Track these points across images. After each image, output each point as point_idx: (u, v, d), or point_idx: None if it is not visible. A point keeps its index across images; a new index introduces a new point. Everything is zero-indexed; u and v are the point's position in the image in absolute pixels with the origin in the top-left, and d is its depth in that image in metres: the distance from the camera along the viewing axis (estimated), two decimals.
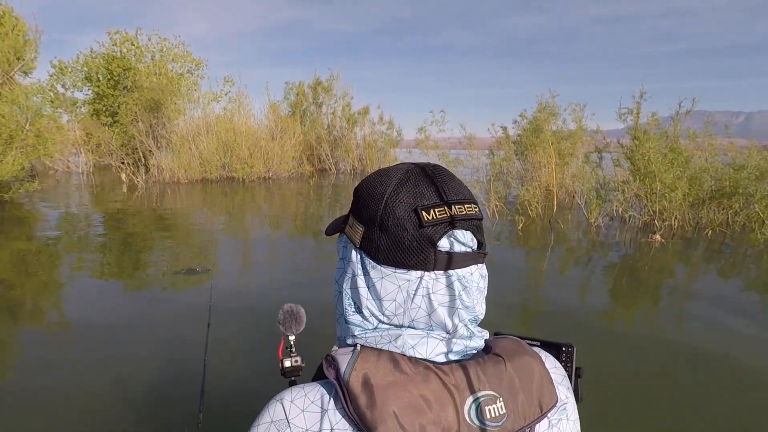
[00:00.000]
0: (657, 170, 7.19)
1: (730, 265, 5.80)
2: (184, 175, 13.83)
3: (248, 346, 3.15)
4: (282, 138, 15.96)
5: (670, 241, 6.64)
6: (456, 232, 0.53)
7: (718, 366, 3.04)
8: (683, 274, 5.55)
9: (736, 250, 6.42)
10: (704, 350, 3.25)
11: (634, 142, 7.71)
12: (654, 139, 7.36)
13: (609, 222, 8.02)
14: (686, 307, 4.33)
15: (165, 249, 6.11)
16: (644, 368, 2.99)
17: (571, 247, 6.56)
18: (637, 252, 6.20)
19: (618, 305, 4.37)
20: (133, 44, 20.14)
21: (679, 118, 7.82)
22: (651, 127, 7.69)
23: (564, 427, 0.58)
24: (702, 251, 6.40)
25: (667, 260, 5.87)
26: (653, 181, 7.31)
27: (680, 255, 6.16)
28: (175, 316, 3.69)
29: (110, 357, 2.97)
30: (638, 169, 7.59)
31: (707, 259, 6.11)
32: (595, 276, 5.27)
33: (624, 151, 8.14)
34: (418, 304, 0.53)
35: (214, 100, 17.69)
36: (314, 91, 19.46)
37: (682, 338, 3.50)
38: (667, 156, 7.30)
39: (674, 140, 7.78)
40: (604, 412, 2.43)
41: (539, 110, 11.42)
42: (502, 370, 0.53)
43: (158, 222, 7.91)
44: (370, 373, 0.49)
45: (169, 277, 4.77)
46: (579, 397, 0.77)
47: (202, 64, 21.57)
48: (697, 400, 2.63)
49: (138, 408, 2.44)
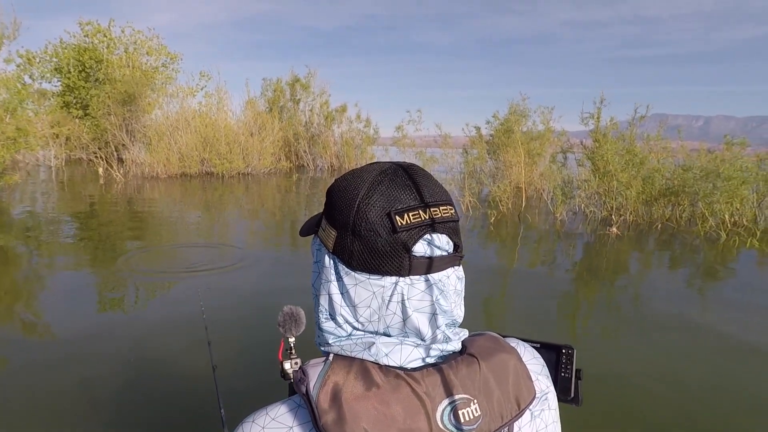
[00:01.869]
0: (614, 170, 7.94)
1: (678, 255, 6.53)
2: (163, 170, 13.85)
3: (248, 347, 3.13)
4: (261, 134, 16.14)
5: (625, 234, 7.38)
6: (432, 235, 0.52)
7: (668, 338, 3.58)
8: (637, 263, 6.24)
9: (682, 242, 7.19)
10: (655, 325, 3.83)
11: (595, 144, 8.45)
12: (612, 141, 8.12)
13: (572, 216, 8.75)
14: (640, 291, 4.95)
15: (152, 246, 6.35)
16: (604, 345, 3.56)
17: (539, 238, 7.19)
18: (597, 243, 6.88)
19: (579, 290, 4.97)
20: (105, 36, 19.77)
21: (635, 123, 8.60)
22: (609, 131, 8.44)
23: (546, 417, 0.59)
24: (653, 242, 7.14)
25: (623, 250, 6.56)
26: (611, 179, 8.06)
27: (634, 246, 6.87)
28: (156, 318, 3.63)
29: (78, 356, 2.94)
30: (598, 169, 8.33)
31: (658, 250, 6.84)
32: (559, 264, 5.88)
33: (586, 153, 8.89)
34: (393, 310, 0.52)
35: (190, 95, 17.66)
36: (292, 87, 19.66)
37: (636, 317, 4.10)
38: (624, 157, 8.05)
39: (631, 143, 8.55)
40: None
41: (510, 113, 12.07)
42: (476, 370, 0.52)
43: (133, 217, 8.08)
44: (339, 386, 0.48)
45: (148, 276, 4.76)
46: (579, 399, 0.76)
47: (177, 57, 21.38)
48: (649, 368, 3.18)
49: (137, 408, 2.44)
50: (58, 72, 19.70)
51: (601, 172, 8.22)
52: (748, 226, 7.62)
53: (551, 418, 0.60)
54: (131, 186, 11.72)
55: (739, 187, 7.58)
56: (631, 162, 8.09)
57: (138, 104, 16.53)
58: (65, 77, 19.40)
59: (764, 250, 6.58)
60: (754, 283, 5.41)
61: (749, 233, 7.22)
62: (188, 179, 13.74)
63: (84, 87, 19.05)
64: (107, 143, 16.55)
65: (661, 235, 7.47)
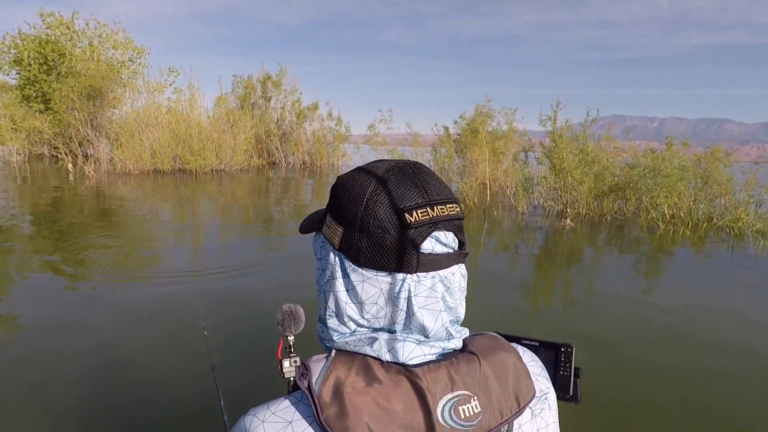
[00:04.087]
0: (569, 168, 8.76)
1: (624, 243, 7.34)
2: (136, 166, 13.79)
3: (247, 348, 3.10)
4: (233, 130, 16.25)
5: (578, 225, 8.18)
6: (438, 233, 0.53)
7: (619, 318, 4.11)
8: (589, 250, 6.98)
9: (628, 232, 8.04)
10: (605, 301, 4.49)
11: (552, 144, 9.26)
12: (567, 142, 8.95)
13: (533, 210, 9.55)
14: (592, 274, 5.61)
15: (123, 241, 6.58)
16: (561, 318, 4.20)
17: (503, 230, 7.87)
18: (554, 233, 7.63)
19: (539, 273, 5.60)
20: (68, 28, 19.24)
21: (588, 125, 9.46)
22: (565, 132, 9.27)
23: (546, 416, 0.60)
24: (603, 233, 7.96)
25: (577, 239, 7.32)
26: (566, 176, 8.88)
27: (587, 235, 7.66)
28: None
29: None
30: (555, 167, 9.14)
31: (607, 239, 7.64)
32: (521, 252, 6.55)
33: (544, 152, 9.71)
34: (400, 307, 0.53)
35: (157, 90, 17.50)
36: (264, 85, 19.77)
37: (588, 295, 4.77)
38: (578, 156, 8.90)
39: (584, 143, 9.41)
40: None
41: (476, 114, 12.77)
42: (476, 368, 0.53)
43: (108, 215, 8.22)
44: (341, 381, 0.49)
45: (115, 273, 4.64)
46: (578, 397, 0.76)
47: (144, 52, 21.02)
48: (598, 336, 3.85)
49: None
50: (17, 64, 19.02)
51: (557, 170, 9.04)
52: (683, 218, 8.60)
53: (552, 417, 0.61)
54: (103, 182, 11.68)
55: (677, 183, 8.53)
56: (584, 160, 8.94)
57: (104, 99, 16.25)
58: (25, 70, 18.76)
59: (694, 239, 7.51)
60: (687, 267, 6.24)
61: (684, 224, 8.18)
62: (161, 175, 13.75)
63: (45, 80, 18.50)
64: (71, 139, 16.21)
65: (611, 226, 8.33)
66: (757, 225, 7.86)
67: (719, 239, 7.55)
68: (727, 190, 8.93)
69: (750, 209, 8.49)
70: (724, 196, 8.95)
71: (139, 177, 13.19)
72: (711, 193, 9.10)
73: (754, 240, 7.44)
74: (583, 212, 9.10)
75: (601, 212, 9.15)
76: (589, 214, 9.10)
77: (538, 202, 9.83)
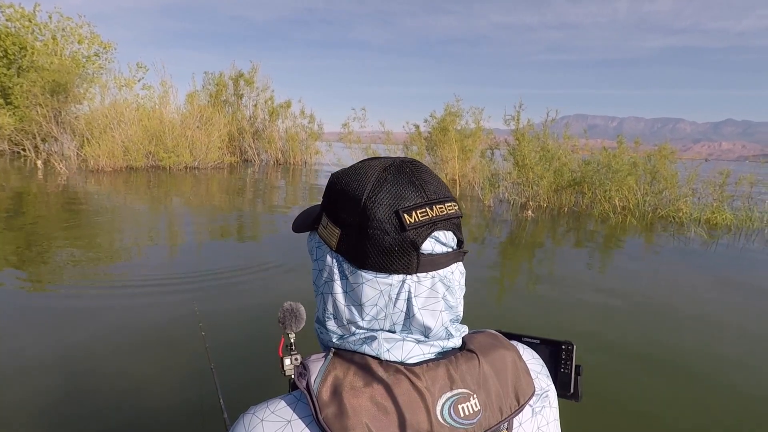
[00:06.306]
0: (531, 164, 9.50)
1: (582, 233, 8.06)
2: (108, 163, 13.66)
3: (248, 347, 3.05)
4: (206, 127, 16.28)
5: (540, 217, 8.90)
6: (438, 233, 0.52)
7: (571, 303, 4.41)
8: (549, 239, 7.65)
9: (584, 222, 8.81)
10: (564, 284, 5.09)
11: (516, 142, 9.98)
12: (529, 140, 9.68)
13: (498, 203, 10.25)
14: (552, 265, 6.11)
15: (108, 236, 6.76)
16: (525, 299, 4.78)
17: (471, 223, 8.48)
18: (517, 224, 8.30)
19: (505, 261, 6.17)
20: (30, 21, 18.65)
21: (548, 124, 10.24)
22: (527, 131, 10.01)
23: (547, 414, 0.60)
24: (562, 224, 8.70)
25: (538, 229, 8.00)
26: (528, 172, 9.62)
27: (547, 226, 8.36)
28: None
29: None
30: (518, 163, 9.86)
31: (565, 229, 8.35)
32: (488, 242, 7.15)
33: (509, 149, 10.43)
34: (400, 308, 0.52)
35: (127, 86, 17.28)
36: (236, 82, 19.79)
37: (549, 279, 5.37)
38: (539, 153, 9.65)
39: (545, 141, 10.17)
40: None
41: (446, 113, 13.38)
42: (476, 366, 0.53)
43: (81, 215, 8.29)
44: (340, 381, 0.49)
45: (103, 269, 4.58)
46: (579, 394, 0.76)
47: (111, 47, 20.59)
48: (557, 313, 4.43)
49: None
50: None
51: (520, 166, 9.77)
52: (631, 209, 9.48)
53: (552, 415, 0.61)
54: (75, 180, 11.57)
55: (626, 177, 9.39)
56: (544, 157, 9.69)
57: (69, 94, 15.91)
58: None
59: (641, 227, 8.36)
60: (634, 252, 7.00)
61: (631, 214, 9.04)
62: (134, 172, 13.68)
63: (6, 74, 17.89)
64: (34, 135, 15.80)
65: (568, 217, 9.10)
66: (695, 214, 8.82)
67: (661, 227, 8.44)
68: (672, 184, 9.88)
69: (689, 201, 9.46)
70: (669, 189, 9.89)
71: (112, 174, 13.08)
72: (658, 187, 10.04)
73: (692, 227, 8.36)
74: (543, 205, 9.87)
75: (560, 204, 9.94)
76: (550, 207, 9.88)
77: (503, 195, 10.57)
